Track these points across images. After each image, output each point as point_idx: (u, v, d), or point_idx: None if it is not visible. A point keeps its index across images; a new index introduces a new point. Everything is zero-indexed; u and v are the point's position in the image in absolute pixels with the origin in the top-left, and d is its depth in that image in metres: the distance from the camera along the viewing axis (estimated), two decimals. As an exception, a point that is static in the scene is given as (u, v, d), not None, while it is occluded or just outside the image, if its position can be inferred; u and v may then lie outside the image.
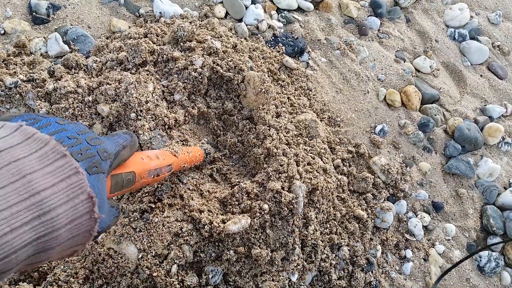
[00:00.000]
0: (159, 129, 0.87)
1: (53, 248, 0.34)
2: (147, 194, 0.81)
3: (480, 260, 1.10)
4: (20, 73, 0.87)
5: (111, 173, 0.50)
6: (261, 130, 0.95)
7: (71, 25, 1.01)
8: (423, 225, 1.08)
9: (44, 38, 0.97)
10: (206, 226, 0.77)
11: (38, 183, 0.32)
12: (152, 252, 0.74)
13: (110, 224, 0.46)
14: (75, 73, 0.93)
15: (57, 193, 0.33)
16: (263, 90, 0.97)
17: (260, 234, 0.82)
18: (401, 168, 1.13)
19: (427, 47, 1.41)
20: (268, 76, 1.04)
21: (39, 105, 0.84)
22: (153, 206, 0.80)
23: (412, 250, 1.05)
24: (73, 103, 0.85)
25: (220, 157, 0.96)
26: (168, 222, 0.78)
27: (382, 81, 1.25)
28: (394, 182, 1.09)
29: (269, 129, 0.95)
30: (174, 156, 0.75)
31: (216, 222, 0.78)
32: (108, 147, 0.45)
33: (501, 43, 1.53)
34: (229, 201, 0.84)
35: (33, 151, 0.34)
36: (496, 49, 1.52)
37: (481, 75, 1.44)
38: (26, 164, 0.32)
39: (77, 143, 0.40)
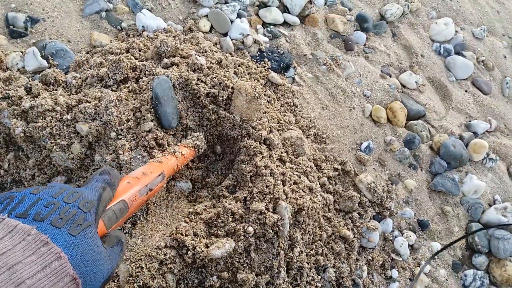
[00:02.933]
0: (140, 149, 0.84)
1: None
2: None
3: (466, 279, 1.09)
4: (-5, 90, 0.84)
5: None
6: (251, 146, 0.92)
7: (50, 39, 0.98)
8: (409, 244, 1.07)
9: (22, 52, 0.93)
10: (189, 252, 0.74)
11: (23, 272, 0.33)
12: (139, 282, 0.71)
13: (114, 267, 0.47)
14: (53, 89, 0.89)
15: (41, 280, 0.34)
16: (256, 95, 0.95)
17: (244, 258, 0.79)
18: (387, 186, 1.12)
19: (413, 62, 1.41)
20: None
21: (14, 123, 0.81)
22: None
23: (398, 270, 1.04)
24: (50, 121, 0.82)
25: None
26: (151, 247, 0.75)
27: (368, 97, 1.24)
28: (380, 200, 1.08)
29: (261, 146, 0.93)
30: (160, 163, 0.75)
31: (199, 247, 0.75)
32: (88, 196, 0.46)
33: (485, 58, 1.54)
34: (215, 222, 0.82)
35: (17, 243, 0.35)
36: (481, 64, 1.53)
37: (466, 91, 1.44)
38: (11, 256, 0.34)
39: (55, 209, 0.41)
